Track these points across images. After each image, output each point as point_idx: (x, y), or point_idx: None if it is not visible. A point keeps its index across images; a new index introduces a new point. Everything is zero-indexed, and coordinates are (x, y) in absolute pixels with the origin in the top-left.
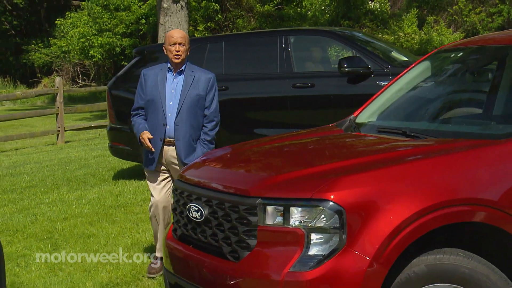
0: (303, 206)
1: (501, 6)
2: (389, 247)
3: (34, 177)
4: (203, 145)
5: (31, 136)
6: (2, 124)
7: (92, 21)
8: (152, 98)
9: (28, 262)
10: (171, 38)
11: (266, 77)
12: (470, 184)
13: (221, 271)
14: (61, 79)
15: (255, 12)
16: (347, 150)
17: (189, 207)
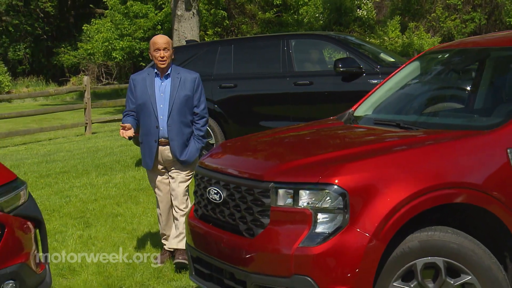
0: (310, 189)
1: (474, 13)
2: (386, 225)
3: (66, 164)
4: (197, 140)
5: (62, 128)
6: (37, 117)
7: (114, 27)
8: (143, 102)
9: (65, 238)
10: (155, 45)
11: (270, 76)
12: (456, 170)
13: (238, 246)
14: (88, 78)
15: (257, 19)
16: (348, 140)
17: (209, 190)
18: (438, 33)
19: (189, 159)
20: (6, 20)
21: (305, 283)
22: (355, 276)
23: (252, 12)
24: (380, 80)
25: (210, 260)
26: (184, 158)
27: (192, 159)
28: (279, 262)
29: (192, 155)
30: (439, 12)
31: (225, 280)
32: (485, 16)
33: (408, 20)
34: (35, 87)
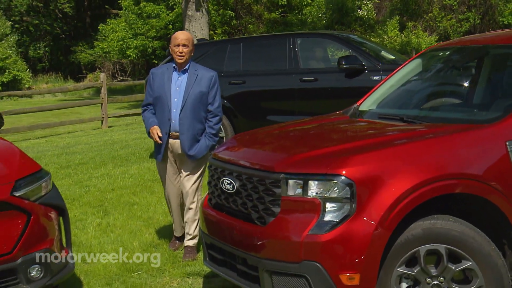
0: (319, 180)
1: (468, 13)
2: (391, 214)
3: (85, 156)
4: (209, 138)
5: (80, 122)
6: (56, 112)
7: (128, 27)
8: (159, 95)
9: (85, 225)
10: (175, 40)
11: (277, 72)
12: (457, 161)
13: (250, 233)
14: (104, 75)
15: (263, 19)
16: (354, 134)
17: (222, 180)
18: (435, 32)
19: (197, 155)
20: (27, 20)
21: (314, 268)
22: (362, 261)
23: (259, 12)
24: (382, 76)
25: (223, 246)
26: (193, 153)
27: (200, 155)
28: (289, 249)
29: (201, 151)
30: (436, 12)
31: (238, 266)
32: (479, 16)
33: (406, 19)
34: (54, 84)
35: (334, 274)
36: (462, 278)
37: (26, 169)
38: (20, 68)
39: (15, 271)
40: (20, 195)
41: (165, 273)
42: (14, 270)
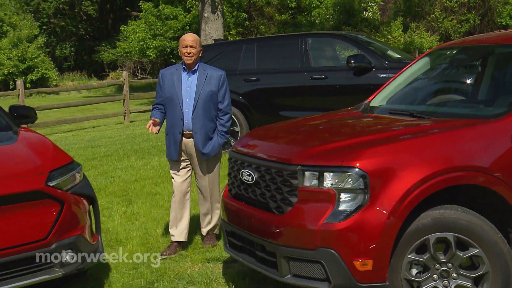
0: (334, 171)
1: (468, 15)
2: (403, 204)
3: (109, 149)
4: (221, 136)
5: (104, 117)
6: (81, 107)
7: (148, 28)
8: (170, 95)
9: (111, 213)
10: (183, 42)
11: (289, 70)
12: (465, 154)
13: (269, 222)
14: (126, 73)
15: (275, 20)
16: (366, 128)
17: (242, 172)
18: (436, 32)
19: (211, 153)
20: (54, 22)
21: (330, 255)
22: (374, 248)
23: (270, 14)
24: (388, 74)
25: (243, 234)
26: (207, 151)
27: (213, 153)
28: (306, 236)
29: (214, 149)
30: (437, 13)
31: (257, 252)
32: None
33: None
34: (79, 81)
35: (348, 260)
36: (469, 265)
37: (59, 161)
38: (48, 67)
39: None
40: (54, 185)
41: (187, 259)
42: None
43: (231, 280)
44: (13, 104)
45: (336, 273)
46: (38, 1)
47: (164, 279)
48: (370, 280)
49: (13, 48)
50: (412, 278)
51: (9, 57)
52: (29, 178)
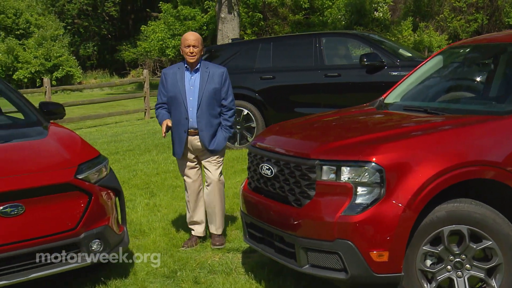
0: (351, 166)
1: (476, 15)
2: (418, 197)
3: (131, 143)
4: (225, 130)
5: (126, 113)
6: (104, 104)
7: (167, 28)
8: (174, 95)
9: (134, 205)
10: (185, 41)
11: (304, 69)
12: (478, 150)
13: (287, 214)
14: (147, 71)
15: (288, 20)
16: (382, 124)
17: (261, 166)
18: (445, 31)
19: (217, 148)
20: (77, 23)
21: (347, 246)
22: (390, 240)
23: (284, 15)
24: (400, 72)
25: (262, 225)
26: (213, 147)
27: (219, 148)
28: (324, 228)
29: (220, 144)
30: (446, 13)
31: (275, 243)
32: (487, 17)
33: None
34: (101, 79)
35: (365, 251)
36: (482, 256)
37: (87, 155)
38: (72, 65)
39: (79, 245)
40: (82, 178)
41: (208, 249)
42: (77, 244)
43: (250, 270)
44: (43, 101)
45: (353, 263)
46: (63, 3)
47: (186, 268)
48: (386, 270)
49: (38, 47)
50: (427, 269)
51: (36, 56)
52: (59, 171)
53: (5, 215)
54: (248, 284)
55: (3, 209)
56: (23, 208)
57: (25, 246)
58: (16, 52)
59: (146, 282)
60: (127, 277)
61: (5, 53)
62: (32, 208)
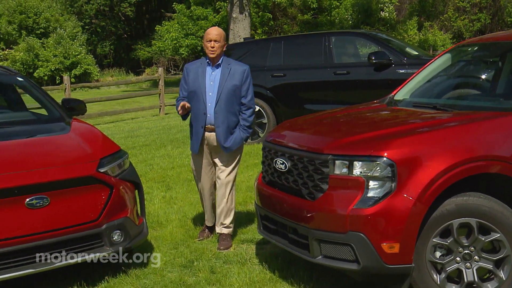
0: (363, 160)
1: (480, 14)
2: (428, 191)
3: (147, 138)
4: (243, 130)
5: (141, 110)
6: (120, 101)
7: (180, 28)
8: (194, 89)
9: (152, 198)
10: (208, 36)
11: (313, 66)
12: (486, 145)
13: (301, 207)
14: (162, 69)
15: (297, 20)
16: (392, 120)
17: (275, 160)
18: (449, 31)
19: (232, 147)
20: (95, 23)
21: (359, 238)
22: (401, 232)
23: (293, 14)
24: (407, 70)
25: (276, 218)
26: (228, 145)
27: (235, 147)
28: (336, 221)
29: (236, 143)
30: (450, 13)
31: (289, 234)
32: (490, 16)
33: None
34: (118, 77)
35: (376, 243)
36: (490, 248)
37: (108, 149)
38: (90, 63)
39: (100, 236)
40: (104, 171)
41: None
42: (99, 234)
43: (264, 260)
44: (65, 98)
45: (365, 255)
46: (81, 3)
47: (203, 258)
48: (397, 261)
49: (57, 46)
50: (436, 260)
51: (55, 55)
52: (82, 165)
53: (31, 206)
54: (262, 273)
55: (29, 201)
56: (48, 200)
57: (50, 236)
58: (36, 51)
59: (165, 271)
60: (146, 266)
61: (26, 51)
62: (57, 200)
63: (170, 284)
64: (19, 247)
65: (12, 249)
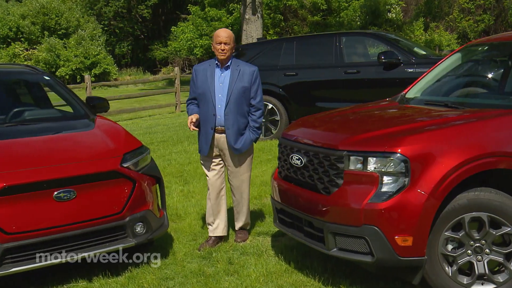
0: (377, 156)
1: (484, 15)
2: (441, 186)
3: (164, 135)
4: (252, 132)
5: (158, 107)
6: (139, 99)
7: (195, 29)
8: (203, 91)
9: (170, 192)
10: (217, 38)
11: (325, 66)
12: (497, 141)
13: (316, 201)
14: (178, 68)
15: (307, 21)
16: (405, 117)
17: (291, 156)
18: (454, 31)
19: (242, 148)
20: (113, 24)
21: (373, 231)
22: (414, 226)
23: (303, 16)
24: (415, 69)
25: (292, 211)
26: (238, 146)
27: (245, 148)
28: (351, 215)
29: (246, 144)
30: (455, 14)
31: (305, 227)
32: (493, 17)
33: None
34: (135, 76)
35: (390, 236)
36: (501, 242)
37: (131, 145)
38: (109, 63)
39: (124, 227)
40: (127, 166)
41: None
42: (123, 226)
43: (280, 252)
44: (89, 96)
45: (379, 247)
46: (101, 6)
47: (221, 249)
48: (410, 254)
49: (78, 47)
50: (448, 253)
51: (76, 55)
52: (106, 160)
53: (59, 199)
54: (278, 265)
55: (57, 194)
56: (75, 193)
57: (77, 228)
58: (58, 51)
59: (185, 262)
60: (167, 257)
61: (48, 51)
62: (83, 194)
63: (190, 274)
64: (48, 238)
65: (41, 240)
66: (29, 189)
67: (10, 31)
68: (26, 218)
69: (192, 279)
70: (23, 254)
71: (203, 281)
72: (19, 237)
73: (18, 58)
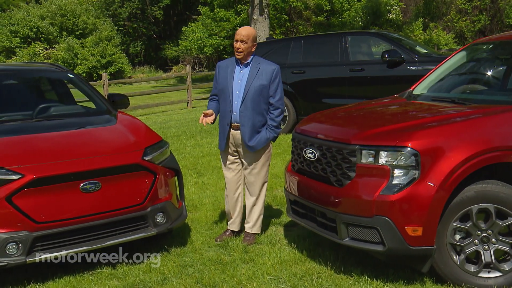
0: (389, 150)
1: (480, 16)
2: (450, 179)
3: (177, 130)
4: (270, 130)
5: (171, 104)
6: (152, 95)
7: (205, 29)
8: (223, 87)
9: (186, 184)
10: (236, 35)
11: (331, 64)
12: (504, 136)
13: (329, 193)
14: (189, 66)
15: (311, 21)
16: (414, 113)
17: (305, 150)
18: (452, 31)
19: (256, 146)
20: (128, 24)
21: (385, 222)
22: (424, 217)
23: (308, 16)
24: (418, 67)
25: (305, 203)
26: (252, 144)
27: (259, 147)
28: (363, 206)
29: (261, 143)
30: (453, 14)
31: (318, 218)
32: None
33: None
34: (148, 74)
35: (401, 226)
36: (507, 232)
37: (151, 139)
38: (123, 62)
39: (146, 217)
40: (148, 159)
41: None
42: (145, 216)
43: (293, 241)
44: (110, 92)
45: (390, 237)
46: (116, 7)
47: (236, 239)
48: (420, 244)
49: (95, 46)
50: (456, 242)
51: (93, 54)
52: (128, 153)
53: (85, 191)
54: (291, 253)
55: (83, 185)
56: (100, 185)
57: (101, 218)
58: (75, 50)
59: (203, 250)
60: (186, 245)
61: (66, 51)
62: (107, 185)
63: (208, 262)
64: (75, 227)
65: (69, 229)
66: (57, 181)
67: (31, 31)
68: (54, 208)
69: (210, 266)
70: (51, 242)
71: (221, 268)
72: (48, 226)
73: (38, 57)
